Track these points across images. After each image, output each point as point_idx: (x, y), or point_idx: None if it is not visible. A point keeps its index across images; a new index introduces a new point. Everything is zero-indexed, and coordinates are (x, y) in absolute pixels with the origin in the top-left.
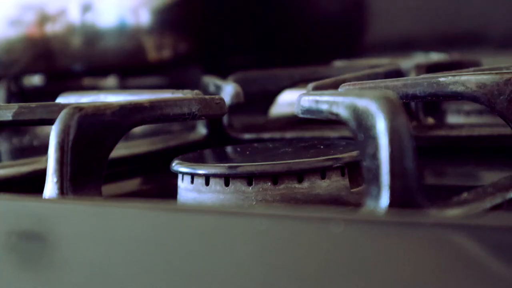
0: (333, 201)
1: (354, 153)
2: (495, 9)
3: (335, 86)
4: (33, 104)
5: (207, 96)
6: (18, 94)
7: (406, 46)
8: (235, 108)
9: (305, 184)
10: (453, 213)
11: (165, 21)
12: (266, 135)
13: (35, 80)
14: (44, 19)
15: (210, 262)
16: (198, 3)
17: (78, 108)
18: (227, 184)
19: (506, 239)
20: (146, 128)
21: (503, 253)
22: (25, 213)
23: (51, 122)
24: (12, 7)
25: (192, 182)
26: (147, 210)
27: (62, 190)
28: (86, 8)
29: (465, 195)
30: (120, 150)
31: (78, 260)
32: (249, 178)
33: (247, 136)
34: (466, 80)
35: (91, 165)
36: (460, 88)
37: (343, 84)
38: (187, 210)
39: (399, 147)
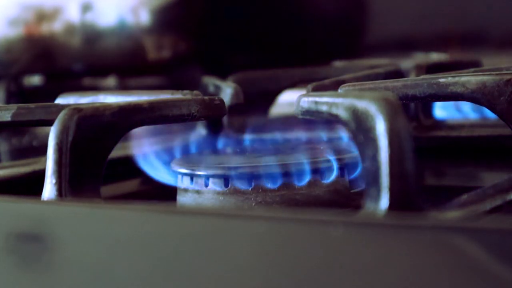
0: (333, 202)
1: (354, 154)
2: (495, 9)
3: (334, 86)
4: (32, 105)
5: (206, 97)
6: (18, 94)
7: (406, 46)
8: (235, 108)
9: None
10: (452, 215)
11: (165, 21)
12: (266, 135)
13: (35, 80)
14: (43, 19)
15: (209, 264)
16: (198, 3)
17: (77, 109)
18: (226, 185)
19: (505, 242)
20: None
21: (503, 256)
22: (24, 214)
23: (50, 123)
24: (12, 7)
25: (191, 183)
26: (146, 212)
27: (61, 191)
28: (86, 8)
29: (464, 197)
30: (120, 150)
31: (76, 262)
32: (249, 179)
33: (247, 136)
34: (466, 81)
35: (90, 167)
36: (460, 89)
37: (342, 85)
38: (186, 212)
39: (399, 149)
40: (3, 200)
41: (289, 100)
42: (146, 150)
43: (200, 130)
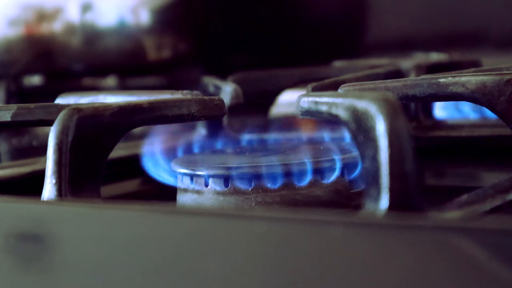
0: (333, 202)
1: (354, 154)
2: (495, 9)
3: (334, 86)
4: (32, 105)
5: (206, 97)
6: (18, 94)
7: (406, 46)
8: (235, 108)
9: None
10: (452, 215)
11: (165, 21)
12: (266, 135)
13: (35, 80)
14: (43, 19)
15: (209, 264)
16: (198, 3)
17: (77, 109)
18: (226, 185)
19: (505, 242)
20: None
21: (503, 256)
22: (24, 215)
23: (50, 123)
24: (12, 7)
25: (191, 183)
26: (146, 212)
27: (61, 192)
28: (85, 8)
29: (464, 197)
30: (120, 150)
31: (76, 262)
32: (249, 179)
33: (247, 136)
34: (466, 81)
35: (90, 167)
36: (460, 89)
37: (342, 85)
38: (186, 212)
39: (399, 149)
40: (3, 200)
41: (289, 100)
42: (147, 150)
43: (200, 130)
